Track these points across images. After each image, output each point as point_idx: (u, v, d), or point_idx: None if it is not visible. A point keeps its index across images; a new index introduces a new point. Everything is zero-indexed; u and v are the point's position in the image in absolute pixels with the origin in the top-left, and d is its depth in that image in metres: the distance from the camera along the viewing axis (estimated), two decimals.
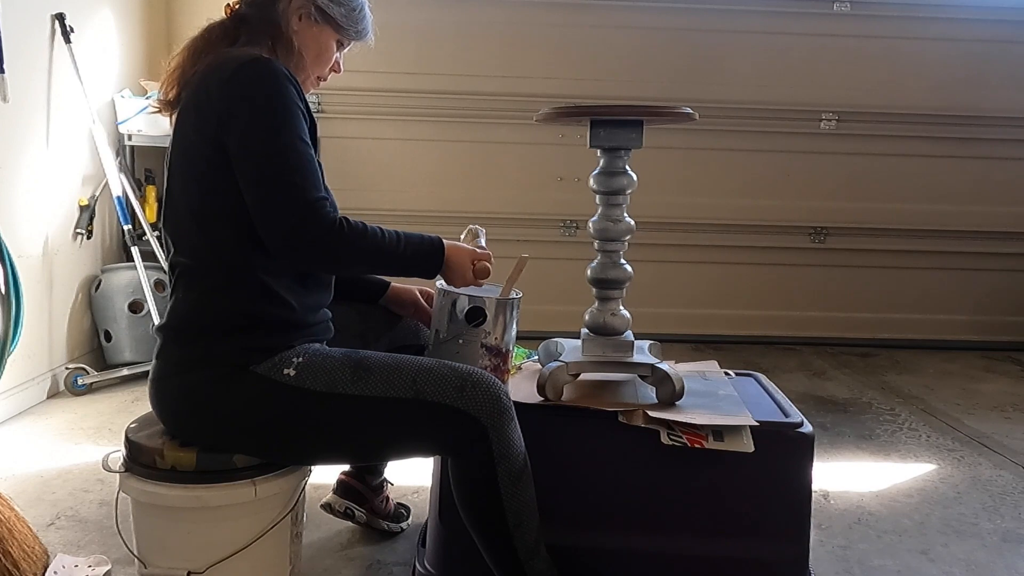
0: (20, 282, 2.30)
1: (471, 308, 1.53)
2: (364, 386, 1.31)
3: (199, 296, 1.34)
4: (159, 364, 1.38)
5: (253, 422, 1.33)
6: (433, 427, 1.33)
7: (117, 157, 3.15)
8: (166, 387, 1.37)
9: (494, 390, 1.34)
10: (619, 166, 1.62)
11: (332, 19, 1.48)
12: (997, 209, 4.08)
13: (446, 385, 1.32)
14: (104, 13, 3.24)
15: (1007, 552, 1.94)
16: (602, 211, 1.64)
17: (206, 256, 1.34)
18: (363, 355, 1.37)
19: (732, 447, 1.46)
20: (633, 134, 1.58)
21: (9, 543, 1.55)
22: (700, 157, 4.00)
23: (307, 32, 1.47)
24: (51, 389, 2.89)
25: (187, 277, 1.36)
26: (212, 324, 1.33)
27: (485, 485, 1.34)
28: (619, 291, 1.66)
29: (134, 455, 1.39)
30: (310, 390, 1.30)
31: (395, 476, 2.03)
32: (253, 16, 1.44)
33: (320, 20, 1.47)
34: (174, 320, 1.37)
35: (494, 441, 1.32)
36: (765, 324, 4.12)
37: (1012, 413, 3.08)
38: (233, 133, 1.28)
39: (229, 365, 1.32)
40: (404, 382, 1.32)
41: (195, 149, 1.33)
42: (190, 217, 1.35)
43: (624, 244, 1.65)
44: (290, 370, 1.31)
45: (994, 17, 3.94)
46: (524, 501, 1.36)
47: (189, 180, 1.35)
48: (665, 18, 3.91)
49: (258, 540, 1.39)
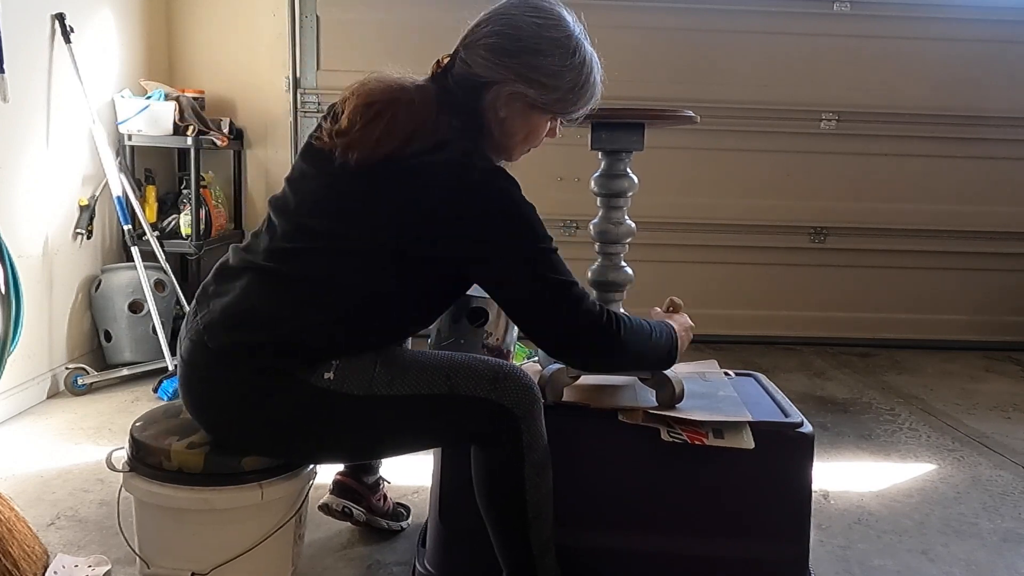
0: (20, 282, 2.30)
1: (473, 308, 1.54)
2: (400, 385, 1.32)
3: (301, 310, 1.30)
4: (203, 346, 1.32)
5: (293, 425, 1.32)
6: (468, 419, 1.35)
7: (117, 157, 3.14)
8: (206, 376, 1.33)
9: (526, 381, 1.37)
10: (620, 168, 1.62)
11: (544, 107, 1.38)
12: (997, 209, 4.08)
13: (480, 378, 1.34)
14: (104, 13, 3.24)
15: (1007, 552, 1.94)
16: (603, 213, 1.64)
17: (339, 287, 1.31)
18: (394, 353, 1.37)
19: (732, 444, 1.46)
20: (634, 137, 1.58)
21: (9, 543, 1.55)
22: (700, 157, 3.99)
23: (516, 120, 1.39)
24: (51, 389, 2.89)
25: (299, 287, 1.32)
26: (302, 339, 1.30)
27: (512, 475, 1.36)
28: (620, 293, 1.66)
29: (139, 455, 1.38)
30: (349, 394, 1.30)
31: (394, 476, 2.03)
32: (460, 95, 1.36)
33: (528, 110, 1.38)
34: (247, 313, 1.31)
35: (524, 432, 1.35)
36: (765, 324, 4.12)
37: (1012, 413, 3.08)
38: (477, 253, 1.30)
39: (277, 368, 1.30)
40: (439, 378, 1.33)
41: (386, 229, 1.29)
42: (342, 257, 1.32)
43: (625, 247, 1.65)
44: (329, 374, 1.30)
45: (994, 17, 3.94)
46: (544, 494, 1.39)
47: (355, 236, 1.31)
48: (665, 18, 3.91)
49: (263, 542, 1.39)
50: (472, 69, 1.36)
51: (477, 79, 1.36)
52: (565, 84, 1.36)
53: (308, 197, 1.36)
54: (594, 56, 1.40)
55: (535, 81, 1.34)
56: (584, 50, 1.38)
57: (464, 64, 1.37)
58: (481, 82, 1.35)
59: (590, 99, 1.41)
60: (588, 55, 1.39)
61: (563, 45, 1.35)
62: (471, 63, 1.36)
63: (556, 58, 1.34)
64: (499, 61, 1.34)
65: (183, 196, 3.50)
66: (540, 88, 1.35)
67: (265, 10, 3.77)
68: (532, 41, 1.34)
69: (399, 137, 1.30)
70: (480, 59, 1.35)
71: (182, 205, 3.47)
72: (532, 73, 1.34)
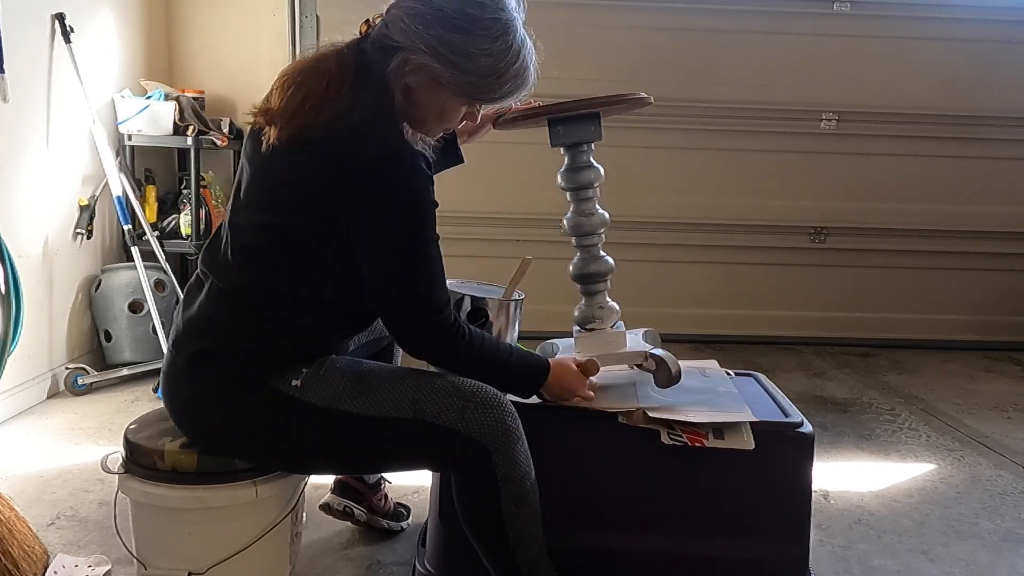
0: (20, 282, 2.30)
1: (473, 309, 1.53)
2: (364, 403, 1.29)
3: (242, 316, 1.32)
4: (174, 358, 1.35)
5: (257, 431, 1.32)
6: (433, 449, 1.31)
7: (117, 157, 3.14)
8: (180, 386, 1.35)
9: (498, 412, 1.30)
10: (583, 160, 1.61)
11: (454, 88, 1.28)
12: (997, 209, 4.08)
13: (447, 406, 1.29)
14: (104, 13, 3.24)
15: (1007, 552, 1.94)
16: (574, 207, 1.64)
17: (265, 290, 1.32)
18: (366, 368, 1.36)
19: (733, 445, 1.46)
20: (591, 127, 1.58)
21: (9, 543, 1.55)
22: (700, 157, 3.99)
23: (423, 93, 1.30)
24: (51, 389, 2.89)
25: (234, 295, 1.33)
26: (249, 346, 1.31)
27: (488, 506, 1.32)
28: (603, 283, 1.66)
29: (134, 456, 1.38)
30: (312, 404, 1.29)
31: (394, 476, 2.03)
32: (374, 58, 1.29)
33: (436, 86, 1.29)
34: (202, 324, 1.34)
35: (498, 464, 1.29)
36: (765, 324, 4.11)
37: (1012, 413, 3.08)
38: (364, 224, 1.26)
39: (242, 375, 1.31)
40: (404, 401, 1.29)
41: (297, 208, 1.28)
42: (261, 252, 1.31)
43: (601, 236, 1.65)
44: (297, 381, 1.30)
45: (994, 17, 3.94)
46: (527, 520, 1.34)
47: (276, 226, 1.30)
48: (665, 18, 3.91)
49: (259, 541, 1.39)
50: (388, 32, 1.28)
51: (390, 41, 1.27)
52: (480, 69, 1.26)
53: (242, 192, 1.36)
54: (527, 44, 1.29)
55: (444, 57, 1.25)
56: (513, 36, 1.27)
57: (383, 25, 1.30)
58: (393, 45, 1.27)
59: (513, 90, 1.31)
60: (517, 42, 1.27)
61: (487, 27, 1.25)
62: (390, 25, 1.28)
63: (474, 39, 1.25)
64: (414, 28, 1.25)
65: (183, 196, 3.50)
66: (449, 66, 1.25)
67: (265, 10, 3.77)
68: (451, 15, 1.24)
69: (314, 108, 1.24)
70: (399, 23, 1.27)
71: (182, 205, 3.47)
72: (443, 48, 1.24)
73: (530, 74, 1.31)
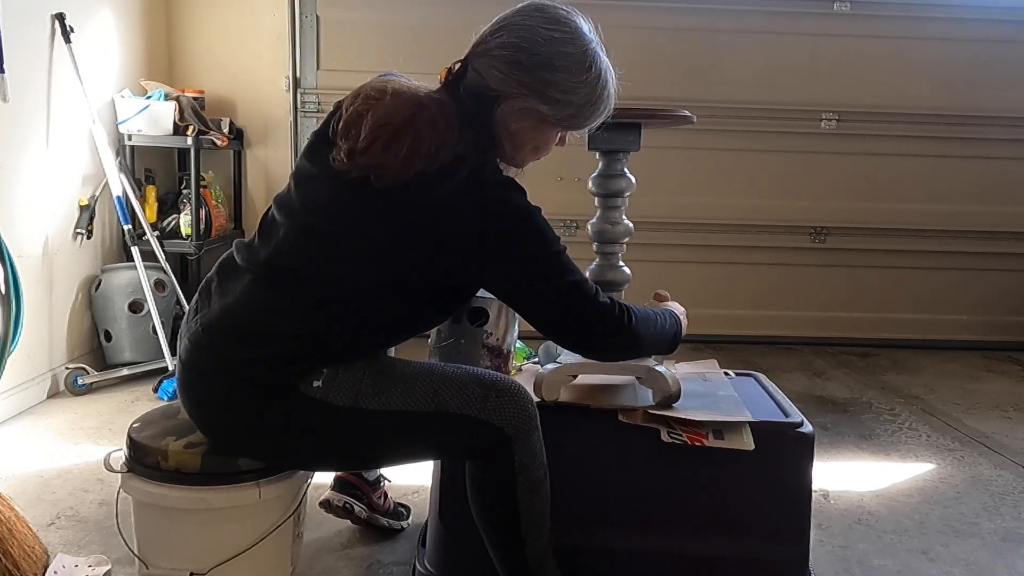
0: (20, 282, 2.30)
1: (474, 308, 1.54)
2: (386, 399, 1.30)
3: (297, 316, 1.29)
4: (205, 356, 1.32)
5: (284, 433, 1.31)
6: (456, 438, 1.33)
7: (117, 157, 3.14)
8: (203, 380, 1.32)
9: (520, 399, 1.33)
10: (617, 168, 1.62)
11: (557, 122, 1.36)
12: (997, 209, 4.08)
13: (469, 396, 1.30)
14: (104, 13, 3.24)
15: (1007, 552, 1.94)
16: (601, 213, 1.65)
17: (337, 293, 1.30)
18: (385, 363, 1.36)
19: (732, 445, 1.46)
20: (631, 137, 1.58)
21: (9, 543, 1.55)
22: (700, 157, 3.99)
23: (526, 133, 1.37)
24: (51, 389, 2.89)
25: (292, 291, 1.30)
26: (298, 351, 1.29)
27: (504, 494, 1.33)
28: (618, 293, 1.67)
29: (137, 455, 1.38)
30: (333, 404, 1.29)
31: (394, 476, 2.03)
32: (471, 106, 1.33)
33: (540, 124, 1.36)
34: (245, 323, 1.30)
35: (517, 452, 1.31)
36: (765, 324, 4.12)
37: (1012, 413, 3.08)
38: (493, 269, 1.30)
39: (267, 380, 1.29)
40: (426, 394, 1.30)
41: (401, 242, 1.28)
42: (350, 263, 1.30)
43: (623, 246, 1.66)
44: (318, 382, 1.29)
45: (994, 17, 3.94)
46: (540, 510, 1.36)
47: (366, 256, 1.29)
48: (665, 18, 3.91)
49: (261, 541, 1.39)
50: (484, 80, 1.32)
51: (489, 91, 1.32)
52: (579, 99, 1.33)
53: (314, 198, 1.34)
54: (609, 68, 1.36)
55: (549, 97, 1.31)
56: (600, 63, 1.34)
57: (476, 74, 1.33)
58: (493, 95, 1.32)
59: (603, 112, 1.38)
60: (604, 68, 1.35)
61: (579, 60, 1.32)
62: (483, 74, 1.33)
63: (571, 74, 1.31)
64: (513, 75, 1.31)
65: (183, 196, 3.50)
66: (553, 104, 1.32)
67: (265, 10, 3.78)
68: (547, 56, 1.30)
69: (424, 157, 1.25)
70: (493, 71, 1.32)
71: (182, 205, 3.47)
72: (547, 89, 1.31)
73: (614, 93, 1.39)
